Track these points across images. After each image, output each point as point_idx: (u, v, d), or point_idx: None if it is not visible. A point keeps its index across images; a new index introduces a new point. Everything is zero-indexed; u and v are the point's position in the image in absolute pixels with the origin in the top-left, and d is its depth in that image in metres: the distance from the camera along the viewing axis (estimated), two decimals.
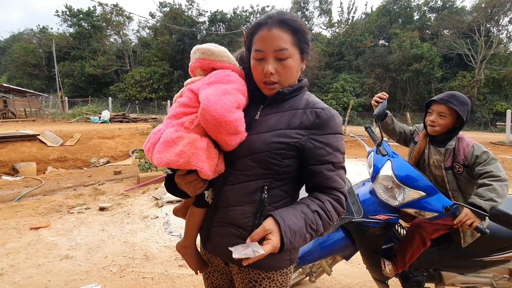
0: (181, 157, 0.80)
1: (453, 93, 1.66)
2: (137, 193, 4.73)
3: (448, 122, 1.64)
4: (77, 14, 32.89)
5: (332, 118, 0.88)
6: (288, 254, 0.94)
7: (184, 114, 0.89)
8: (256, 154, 0.87)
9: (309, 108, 0.90)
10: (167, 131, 0.87)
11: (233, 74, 0.93)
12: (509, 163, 7.60)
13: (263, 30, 0.87)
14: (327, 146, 0.86)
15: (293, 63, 0.89)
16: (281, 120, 0.90)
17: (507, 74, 21.03)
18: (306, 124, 0.87)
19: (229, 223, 0.91)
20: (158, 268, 2.60)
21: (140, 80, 27.62)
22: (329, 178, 0.86)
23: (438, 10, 27.08)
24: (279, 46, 0.85)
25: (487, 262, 1.73)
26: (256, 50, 0.88)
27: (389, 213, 1.57)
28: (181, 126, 0.87)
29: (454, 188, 1.65)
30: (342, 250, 1.74)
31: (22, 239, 3.10)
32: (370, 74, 23.17)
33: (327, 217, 0.83)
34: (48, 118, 17.21)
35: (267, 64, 0.87)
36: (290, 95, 0.93)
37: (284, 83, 0.91)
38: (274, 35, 0.85)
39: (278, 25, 0.86)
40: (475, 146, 1.58)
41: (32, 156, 7.56)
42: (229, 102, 0.83)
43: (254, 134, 0.89)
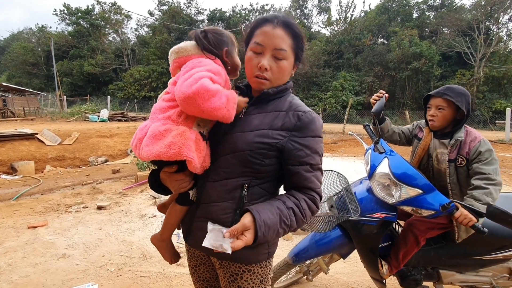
0: (171, 148, 0.80)
1: (448, 86, 1.66)
2: (135, 192, 4.72)
3: (447, 114, 1.64)
4: (75, 13, 32.77)
5: (313, 122, 0.91)
6: (266, 247, 0.98)
7: (169, 107, 0.89)
8: (237, 152, 0.90)
9: (292, 111, 0.93)
10: (154, 125, 0.86)
11: (205, 60, 0.93)
12: (508, 161, 7.60)
13: (268, 26, 0.90)
14: (306, 148, 0.89)
15: (287, 65, 0.92)
16: (264, 120, 0.92)
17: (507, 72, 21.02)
18: (288, 126, 0.90)
19: (210, 218, 0.94)
20: (155, 267, 2.59)
21: (139, 79, 27.56)
22: (306, 178, 0.90)
23: (437, 8, 27.04)
24: (279, 45, 0.89)
25: (486, 261, 1.72)
26: (256, 43, 0.90)
27: (387, 211, 1.56)
28: (168, 120, 0.87)
29: (453, 181, 1.64)
30: (338, 248, 1.74)
31: (20, 238, 3.09)
32: (369, 72, 23.13)
33: (301, 214, 0.87)
34: (47, 117, 17.17)
35: (263, 59, 0.89)
36: (275, 96, 0.96)
37: (274, 82, 0.93)
38: (278, 34, 0.89)
39: (282, 26, 0.89)
40: (482, 142, 1.56)
41: (31, 155, 7.54)
42: (193, 79, 0.82)
43: (238, 133, 0.92)
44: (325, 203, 1.68)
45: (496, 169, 1.50)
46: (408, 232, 1.67)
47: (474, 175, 1.53)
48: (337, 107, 20.89)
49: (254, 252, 0.96)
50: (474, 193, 1.47)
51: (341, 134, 13.27)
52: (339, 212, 1.52)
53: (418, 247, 1.66)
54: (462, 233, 1.62)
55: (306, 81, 23.22)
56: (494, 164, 1.51)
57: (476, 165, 1.53)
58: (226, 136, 0.93)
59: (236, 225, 0.80)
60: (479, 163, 1.52)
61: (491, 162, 1.51)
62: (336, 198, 1.65)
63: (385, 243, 1.79)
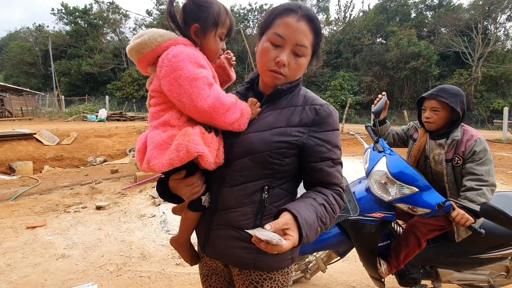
0: (179, 151, 0.75)
1: (442, 86, 1.65)
2: (134, 192, 4.72)
3: (442, 116, 1.64)
4: (73, 12, 32.60)
5: (331, 115, 0.88)
6: (290, 253, 0.92)
7: (161, 111, 0.84)
8: (255, 154, 0.84)
9: (308, 105, 0.88)
10: (153, 134, 0.81)
11: (179, 50, 0.79)
12: (505, 160, 7.64)
13: (291, 17, 0.82)
14: (327, 143, 0.86)
15: (305, 62, 0.87)
16: (279, 118, 0.87)
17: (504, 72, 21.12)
18: (306, 122, 0.86)
19: (229, 225, 0.89)
20: (155, 266, 2.59)
21: (137, 78, 27.46)
22: (329, 174, 0.86)
23: (435, 7, 27.11)
24: (301, 41, 0.83)
25: (483, 259, 1.74)
26: (277, 34, 0.83)
27: (385, 210, 1.57)
28: (167, 125, 0.82)
29: (451, 181, 1.64)
30: (336, 245, 1.74)
31: (19, 238, 3.08)
32: (367, 72, 23.18)
33: (332, 210, 0.83)
34: (45, 117, 17.11)
35: (283, 54, 0.83)
36: (287, 91, 0.91)
37: (289, 79, 0.88)
38: (302, 28, 0.82)
39: (307, 19, 0.83)
40: (478, 141, 1.55)
41: (29, 155, 7.52)
42: (196, 88, 0.76)
43: (253, 133, 0.86)
44: None
45: (490, 170, 1.49)
46: (410, 234, 1.67)
47: (467, 175, 1.52)
48: (336, 107, 20.90)
49: (278, 259, 0.90)
50: (467, 194, 1.47)
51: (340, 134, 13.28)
52: None
53: (420, 248, 1.66)
54: (461, 232, 1.62)
55: (304, 81, 23.03)
56: (488, 165, 1.50)
57: (470, 165, 1.52)
58: (239, 137, 0.86)
59: (277, 220, 0.70)
60: (473, 163, 1.52)
61: (485, 163, 1.50)
62: None
63: (384, 242, 1.80)
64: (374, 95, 21.62)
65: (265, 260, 0.87)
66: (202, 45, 0.89)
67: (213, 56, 0.92)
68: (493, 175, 1.50)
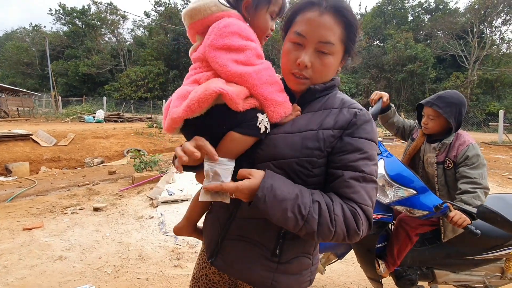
0: (197, 92, 0.69)
1: (440, 94, 1.67)
2: (132, 193, 4.70)
3: (437, 124, 1.67)
4: (71, 13, 32.57)
5: (370, 123, 0.75)
6: (309, 274, 0.85)
7: (195, 73, 0.79)
8: (281, 160, 0.72)
9: (346, 107, 0.76)
10: (180, 89, 0.78)
11: (231, 21, 0.76)
12: (501, 163, 7.72)
13: (313, 11, 0.72)
14: (359, 151, 0.71)
15: (333, 62, 0.75)
16: (312, 120, 0.75)
17: (500, 75, 21.37)
18: (342, 124, 0.73)
19: (248, 238, 0.80)
20: (153, 268, 2.58)
21: (135, 80, 27.44)
22: (350, 186, 0.69)
23: (431, 11, 27.41)
24: (325, 38, 0.72)
25: (479, 260, 1.76)
26: (297, 33, 0.73)
27: (383, 212, 1.58)
28: (196, 83, 0.77)
29: (441, 183, 1.68)
30: (335, 247, 1.76)
31: (15, 240, 3.06)
32: (365, 74, 23.37)
33: (329, 218, 0.66)
34: (42, 118, 17.01)
35: (304, 54, 0.73)
36: (322, 92, 0.79)
37: (316, 81, 0.77)
38: (325, 23, 0.71)
39: (332, 12, 0.72)
40: (471, 146, 1.59)
41: (25, 156, 7.47)
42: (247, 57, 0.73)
43: (279, 134, 0.74)
44: None
45: (482, 174, 1.53)
46: (399, 229, 1.72)
47: (461, 178, 1.56)
48: None
49: (297, 280, 0.81)
50: (463, 197, 1.50)
51: None
52: None
53: (412, 243, 1.69)
54: (448, 232, 1.66)
55: None
56: (480, 169, 1.54)
57: (463, 169, 1.56)
58: (266, 136, 0.75)
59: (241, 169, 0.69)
60: (466, 167, 1.56)
61: (478, 167, 1.54)
62: None
63: (381, 244, 1.82)
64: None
65: (284, 280, 0.79)
66: (252, 22, 0.83)
67: (262, 35, 0.86)
68: (486, 178, 1.54)
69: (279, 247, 0.77)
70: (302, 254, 0.81)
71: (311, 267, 0.85)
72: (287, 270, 0.79)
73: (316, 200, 0.68)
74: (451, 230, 1.65)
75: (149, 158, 5.97)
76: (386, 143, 11.19)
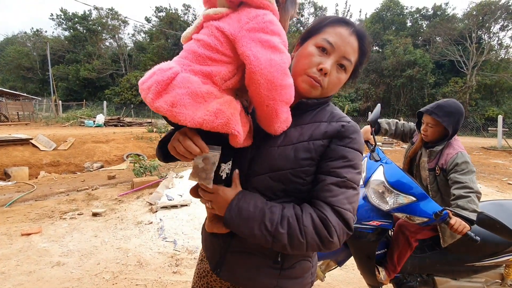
0: (218, 117, 0.65)
1: (439, 103, 1.70)
2: (131, 198, 4.69)
3: (435, 132, 1.71)
4: (72, 18, 32.81)
5: (358, 133, 0.79)
6: (310, 276, 0.89)
7: (210, 59, 0.69)
8: (277, 171, 0.77)
9: (335, 121, 0.80)
10: (190, 78, 0.67)
11: (276, 21, 0.73)
12: (500, 168, 7.72)
13: (344, 28, 0.78)
14: (343, 158, 0.75)
15: (344, 79, 0.82)
16: (302, 132, 0.79)
17: (499, 80, 21.49)
18: (331, 134, 0.78)
19: (250, 250, 0.83)
20: (151, 275, 2.57)
21: (136, 84, 27.43)
22: (330, 190, 0.73)
23: (430, 17, 27.67)
24: (349, 55, 0.78)
25: (479, 267, 1.76)
26: (327, 40, 0.77)
27: (382, 219, 1.58)
28: (209, 79, 0.69)
29: (434, 189, 1.73)
30: (334, 254, 1.75)
31: (13, 245, 3.04)
32: (364, 79, 23.47)
33: (299, 230, 0.69)
34: (42, 122, 17.02)
35: (328, 61, 0.77)
36: (312, 107, 0.83)
37: (325, 92, 0.81)
38: (352, 42, 0.78)
39: (358, 36, 0.79)
40: (460, 154, 1.63)
41: (25, 161, 7.46)
42: (282, 63, 0.69)
43: (274, 147, 0.78)
44: None
45: (472, 179, 1.57)
46: (399, 234, 1.72)
47: (453, 184, 1.60)
48: None
49: (300, 283, 0.85)
50: (458, 202, 1.52)
51: None
52: None
53: (411, 248, 1.69)
54: (447, 238, 1.67)
55: None
56: (470, 174, 1.58)
57: (454, 175, 1.60)
58: (260, 152, 0.80)
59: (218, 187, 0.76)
60: (456, 173, 1.60)
61: (468, 173, 1.58)
62: None
63: (381, 250, 1.81)
64: (371, 102, 21.87)
65: (287, 285, 0.83)
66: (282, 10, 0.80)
67: (287, 24, 0.84)
68: (476, 183, 1.58)
69: (280, 254, 0.81)
70: (303, 258, 0.86)
71: (311, 269, 0.90)
72: (291, 275, 0.84)
73: (285, 215, 0.71)
74: (449, 235, 1.66)
75: (148, 163, 5.96)
76: (386, 148, 11.20)
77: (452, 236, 1.64)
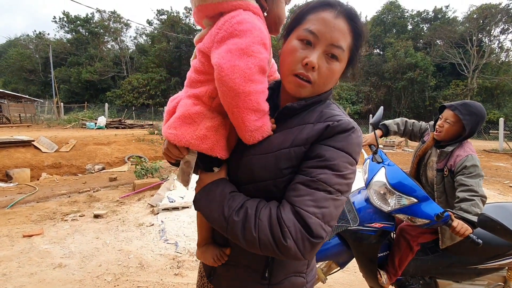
0: (203, 142, 0.70)
1: (465, 101, 1.69)
2: (133, 200, 4.69)
3: (451, 129, 1.68)
4: (74, 21, 33.03)
5: (345, 131, 0.67)
6: (304, 276, 0.83)
7: (199, 81, 0.73)
8: (259, 182, 0.71)
9: (322, 122, 0.70)
10: (184, 102, 0.73)
11: (246, 18, 0.68)
12: (502, 171, 7.70)
13: (328, 12, 0.68)
14: (319, 157, 0.66)
15: (338, 69, 0.71)
16: (286, 137, 0.71)
17: (499, 83, 21.48)
18: (313, 139, 0.68)
19: (238, 262, 0.80)
20: (153, 276, 2.56)
21: (137, 86, 27.63)
22: (295, 190, 0.65)
23: (430, 20, 27.73)
24: (338, 41, 0.68)
25: (481, 269, 1.75)
26: (309, 30, 0.68)
27: (385, 221, 1.58)
28: (199, 100, 0.72)
29: (440, 189, 1.71)
30: (336, 256, 1.75)
31: (15, 247, 3.05)
32: (365, 82, 23.51)
33: (254, 222, 0.63)
34: (43, 124, 17.08)
35: (313, 54, 0.67)
36: (300, 110, 0.74)
37: (316, 88, 0.72)
38: (340, 26, 0.68)
39: (346, 17, 0.69)
40: (470, 157, 1.60)
41: (26, 162, 7.48)
42: (247, 68, 0.64)
43: (255, 155, 0.72)
44: None
45: (478, 183, 1.55)
46: (400, 238, 1.72)
47: (459, 187, 1.58)
48: None
49: (291, 283, 0.80)
50: (462, 205, 1.51)
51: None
52: (338, 222, 1.55)
53: (412, 252, 1.68)
54: (446, 240, 1.66)
55: None
56: (477, 178, 1.56)
57: (460, 177, 1.58)
58: (242, 159, 0.74)
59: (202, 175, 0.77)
60: (463, 175, 1.57)
61: (475, 176, 1.56)
62: None
63: (384, 253, 1.81)
64: (372, 104, 21.87)
65: None
66: (271, 10, 0.77)
67: (280, 24, 0.80)
68: (482, 188, 1.56)
69: (268, 269, 0.76)
70: (294, 274, 0.79)
71: (306, 285, 0.83)
72: None
73: (245, 205, 0.67)
74: (449, 237, 1.65)
75: (150, 165, 5.98)
76: (387, 150, 11.18)
77: (451, 238, 1.64)
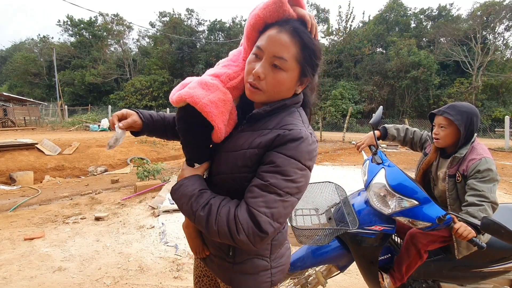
0: (209, 106, 0.80)
1: (452, 103, 1.65)
2: (134, 202, 4.69)
3: (449, 133, 1.62)
4: (78, 24, 33.31)
5: (295, 141, 0.75)
6: (269, 275, 0.92)
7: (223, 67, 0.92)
8: (222, 175, 0.86)
9: (277, 128, 0.79)
10: (201, 77, 0.88)
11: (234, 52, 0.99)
12: (508, 169, 7.57)
13: (273, 30, 0.78)
14: (271, 164, 0.75)
15: (286, 78, 0.79)
16: (248, 139, 0.82)
17: (505, 81, 21.19)
18: (265, 144, 0.78)
19: (214, 242, 0.94)
20: (152, 280, 2.54)
21: (140, 88, 27.76)
22: (251, 191, 0.75)
23: (434, 18, 27.46)
24: (279, 53, 0.77)
25: (486, 273, 1.70)
26: (257, 46, 0.80)
27: (385, 223, 1.54)
28: (218, 78, 0.87)
29: (453, 196, 1.62)
30: (336, 259, 1.71)
31: (16, 250, 3.05)
32: (368, 81, 23.33)
33: (215, 218, 0.75)
34: (48, 127, 17.23)
35: (259, 65, 0.78)
36: (264, 115, 0.84)
37: (269, 95, 0.81)
38: (282, 39, 0.77)
39: (290, 31, 0.77)
40: (483, 160, 1.51)
41: (30, 165, 7.54)
42: None
43: (222, 152, 0.87)
44: (323, 215, 1.67)
45: (492, 188, 1.46)
46: (410, 245, 1.65)
47: (469, 191, 1.51)
48: (337, 116, 20.94)
49: (254, 280, 0.90)
50: (469, 209, 1.45)
51: (341, 143, 13.27)
52: (338, 225, 1.51)
53: (421, 259, 1.64)
54: (462, 249, 1.59)
55: None
56: (490, 183, 1.47)
57: (472, 181, 1.50)
58: (217, 154, 0.90)
59: None
60: (475, 179, 1.49)
61: (488, 181, 1.47)
62: (334, 210, 1.64)
63: (385, 256, 1.76)
64: (375, 104, 21.71)
65: (240, 279, 0.90)
66: None
67: None
68: (495, 193, 1.47)
69: (231, 248, 0.89)
70: (256, 256, 0.90)
71: (270, 269, 0.92)
72: (242, 270, 0.89)
73: (210, 202, 0.78)
74: (465, 247, 1.57)
75: (152, 167, 5.97)
76: (391, 150, 11.07)
77: (468, 248, 1.56)
